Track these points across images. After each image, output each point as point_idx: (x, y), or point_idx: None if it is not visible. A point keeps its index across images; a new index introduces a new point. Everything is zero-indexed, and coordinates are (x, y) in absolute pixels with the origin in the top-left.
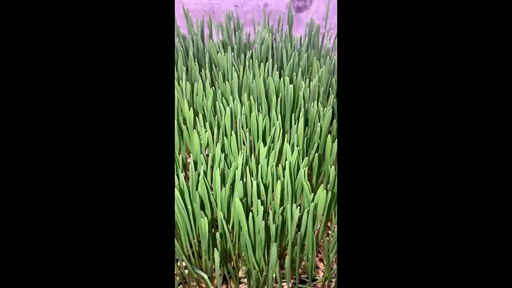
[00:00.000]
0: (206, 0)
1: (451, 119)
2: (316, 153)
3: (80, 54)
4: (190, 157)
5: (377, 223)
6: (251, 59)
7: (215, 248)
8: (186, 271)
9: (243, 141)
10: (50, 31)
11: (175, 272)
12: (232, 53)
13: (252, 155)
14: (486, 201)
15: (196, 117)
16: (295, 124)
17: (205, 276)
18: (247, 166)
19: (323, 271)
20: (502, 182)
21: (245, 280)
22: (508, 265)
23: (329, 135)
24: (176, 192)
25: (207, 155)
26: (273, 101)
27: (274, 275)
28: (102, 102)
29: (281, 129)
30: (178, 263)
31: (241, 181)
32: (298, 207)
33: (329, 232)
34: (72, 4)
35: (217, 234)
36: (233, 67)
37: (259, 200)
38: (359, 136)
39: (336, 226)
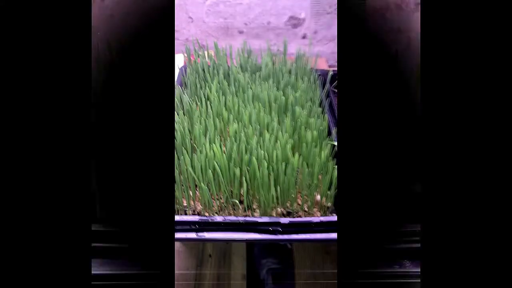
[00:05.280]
0: (222, 19)
1: (450, 118)
2: (296, 136)
3: (80, 56)
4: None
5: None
6: (259, 78)
7: (243, 182)
8: (223, 203)
9: (256, 130)
10: (49, 30)
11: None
12: (247, 74)
13: (261, 137)
14: (487, 203)
15: (228, 116)
16: (285, 119)
17: (236, 201)
18: (258, 144)
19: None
20: (502, 182)
21: (257, 210)
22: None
23: (303, 126)
24: (224, 156)
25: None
26: (273, 106)
27: (272, 204)
28: (104, 102)
29: (278, 123)
30: (222, 198)
31: (255, 151)
32: (285, 164)
33: (300, 177)
34: (72, 6)
35: (243, 178)
36: (248, 84)
37: (265, 160)
38: (358, 135)
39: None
